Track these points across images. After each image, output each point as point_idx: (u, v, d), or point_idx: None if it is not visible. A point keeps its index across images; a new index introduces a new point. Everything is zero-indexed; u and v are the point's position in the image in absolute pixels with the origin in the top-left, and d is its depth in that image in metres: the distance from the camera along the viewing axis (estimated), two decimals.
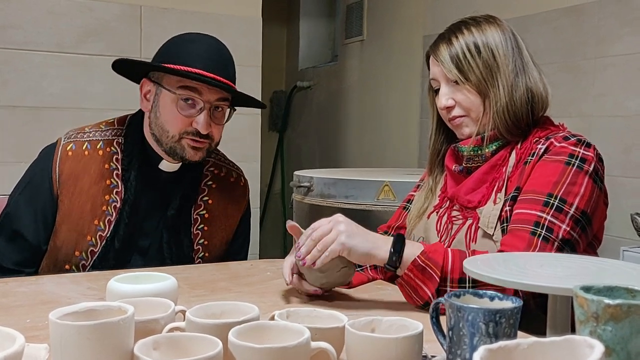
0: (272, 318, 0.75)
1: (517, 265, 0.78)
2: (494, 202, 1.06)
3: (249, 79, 2.34)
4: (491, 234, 1.04)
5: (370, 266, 1.17)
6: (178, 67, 1.21)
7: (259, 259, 2.12)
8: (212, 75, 1.21)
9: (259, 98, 2.38)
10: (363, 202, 2.00)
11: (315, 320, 0.75)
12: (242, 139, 2.34)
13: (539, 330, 0.78)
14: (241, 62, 2.35)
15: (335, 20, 3.99)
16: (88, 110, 1.39)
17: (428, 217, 1.18)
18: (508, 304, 0.68)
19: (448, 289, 0.94)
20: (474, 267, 0.76)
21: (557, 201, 1.00)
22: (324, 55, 4.05)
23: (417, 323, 0.70)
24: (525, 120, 1.10)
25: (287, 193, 3.91)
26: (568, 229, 0.98)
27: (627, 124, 2.00)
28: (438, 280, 0.94)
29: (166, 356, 0.63)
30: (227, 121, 1.31)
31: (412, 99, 2.95)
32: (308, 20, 4.06)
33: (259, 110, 2.38)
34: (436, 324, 0.74)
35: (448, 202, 1.16)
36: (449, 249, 0.98)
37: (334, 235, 0.96)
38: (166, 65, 1.22)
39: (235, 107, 1.32)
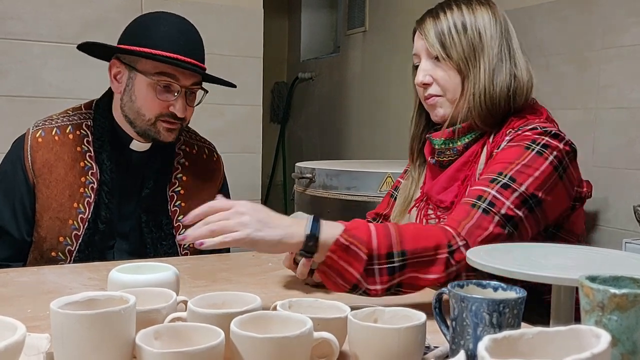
0: (274, 308, 0.74)
1: (521, 256, 0.77)
2: None
3: (250, 70, 2.33)
4: None
5: None
6: (154, 51, 1.20)
7: None
8: (188, 59, 1.22)
9: (260, 90, 2.38)
10: (365, 193, 2.00)
11: (318, 310, 0.74)
12: (243, 130, 2.34)
13: (540, 322, 0.77)
14: (243, 53, 2.36)
15: (337, 11, 3.97)
16: (86, 101, 1.38)
17: (409, 212, 1.16)
18: (512, 294, 0.68)
19: (376, 267, 0.86)
20: (477, 257, 0.76)
21: (505, 179, 0.95)
22: (326, 46, 4.04)
23: (420, 313, 0.69)
24: (503, 109, 1.05)
25: (289, 185, 3.91)
26: (512, 206, 0.93)
27: (632, 116, 1.98)
28: (365, 258, 0.85)
29: (168, 346, 0.63)
30: (198, 103, 1.32)
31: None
32: (310, 11, 4.04)
33: (259, 102, 2.37)
34: (439, 314, 0.73)
35: (425, 198, 1.13)
36: (371, 224, 0.89)
37: (234, 224, 0.83)
38: (142, 49, 1.21)
39: (207, 90, 1.32)
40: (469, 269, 0.88)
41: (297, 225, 0.86)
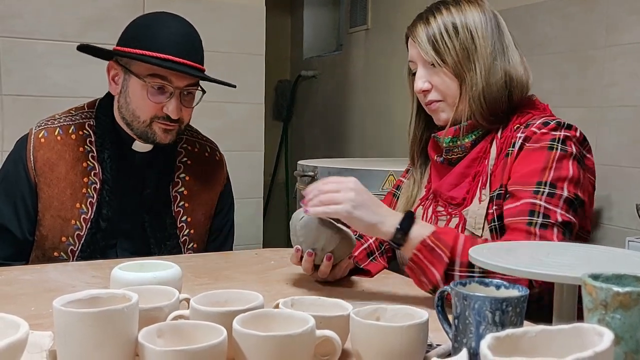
0: (277, 306, 0.74)
1: (524, 255, 0.77)
2: (480, 200, 1.03)
3: (252, 68, 2.33)
4: (480, 235, 1.01)
5: (381, 256, 1.17)
6: (146, 52, 1.20)
7: (263, 247, 2.12)
8: (181, 60, 1.21)
9: (262, 88, 2.37)
10: None
11: (320, 308, 0.74)
12: (245, 128, 2.33)
13: (540, 320, 0.77)
14: (245, 51, 2.35)
15: (340, 9, 3.97)
16: (91, 100, 1.39)
17: (414, 211, 1.15)
18: (514, 292, 0.68)
19: (456, 273, 0.90)
20: (480, 255, 0.76)
21: (547, 187, 0.97)
22: (328, 44, 4.03)
23: (422, 311, 0.69)
24: (503, 106, 1.06)
25: (291, 183, 3.91)
26: (563, 212, 0.95)
27: (636, 114, 1.98)
28: (447, 261, 0.90)
29: (170, 344, 0.63)
30: (196, 104, 1.31)
31: None
32: (312, 9, 4.03)
33: (262, 100, 2.37)
34: (442, 312, 0.73)
35: (432, 195, 1.13)
36: (461, 233, 0.95)
37: (341, 198, 0.92)
38: (135, 51, 1.21)
39: (205, 90, 1.32)
40: (550, 291, 0.89)
41: (393, 216, 0.94)
